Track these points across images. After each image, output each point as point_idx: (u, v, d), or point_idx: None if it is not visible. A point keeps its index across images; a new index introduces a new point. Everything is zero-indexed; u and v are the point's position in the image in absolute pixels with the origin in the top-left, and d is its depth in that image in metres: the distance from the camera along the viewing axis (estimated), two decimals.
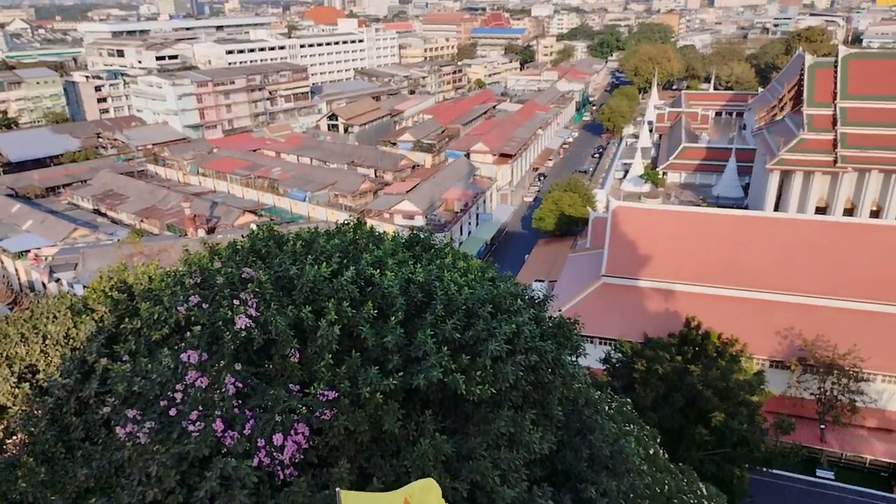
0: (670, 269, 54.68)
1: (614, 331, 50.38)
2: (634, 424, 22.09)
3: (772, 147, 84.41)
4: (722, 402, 35.94)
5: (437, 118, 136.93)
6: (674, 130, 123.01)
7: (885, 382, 47.28)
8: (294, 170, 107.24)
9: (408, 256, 13.03)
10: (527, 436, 10.45)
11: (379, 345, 10.34)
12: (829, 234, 53.25)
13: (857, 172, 79.07)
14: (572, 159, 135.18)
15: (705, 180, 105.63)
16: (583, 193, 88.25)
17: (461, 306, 11.19)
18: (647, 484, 17.08)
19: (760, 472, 39.64)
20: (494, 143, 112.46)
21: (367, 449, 10.03)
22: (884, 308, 49.26)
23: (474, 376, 10.20)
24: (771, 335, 49.31)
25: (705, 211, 62.25)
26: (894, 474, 45.87)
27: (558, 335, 12.50)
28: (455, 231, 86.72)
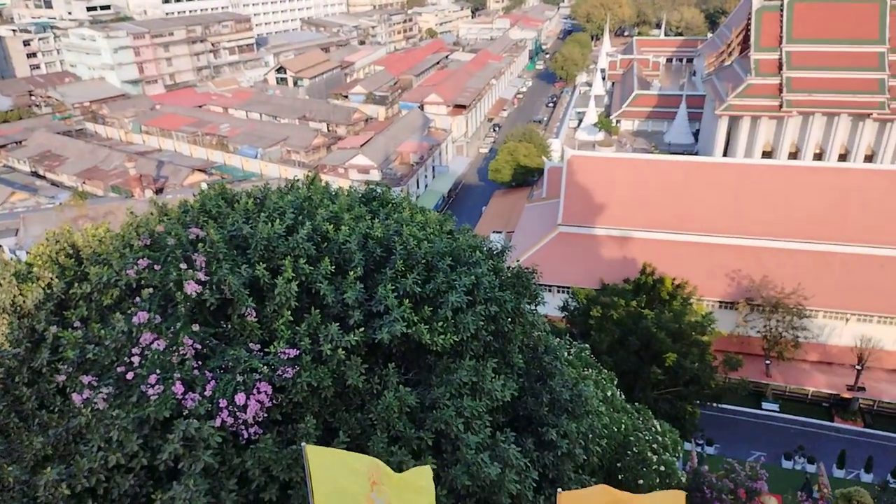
0: (625, 217, 55.69)
1: (572, 279, 51.39)
2: (592, 369, 22.78)
3: (720, 93, 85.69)
4: (675, 343, 37.30)
5: (389, 69, 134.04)
6: (626, 78, 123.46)
7: (827, 318, 49.75)
8: (243, 126, 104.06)
9: (364, 211, 12.87)
10: (489, 384, 10.65)
11: (339, 301, 10.28)
12: (775, 177, 54.83)
13: (801, 116, 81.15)
14: (527, 109, 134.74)
15: (657, 127, 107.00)
16: (538, 143, 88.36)
17: (421, 260, 11.17)
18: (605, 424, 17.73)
19: (711, 407, 41.61)
20: (448, 94, 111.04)
21: (332, 404, 10.07)
22: (827, 247, 51.42)
23: (436, 327, 10.28)
24: (721, 277, 51.07)
25: (657, 158, 63.21)
26: (835, 404, 48.76)
27: (517, 285, 12.66)
28: (412, 184, 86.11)
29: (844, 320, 49.69)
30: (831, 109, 79.20)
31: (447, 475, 9.55)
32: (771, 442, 45.17)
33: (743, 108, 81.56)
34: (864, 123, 79.45)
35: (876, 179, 53.38)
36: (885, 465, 41.32)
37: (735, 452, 41.68)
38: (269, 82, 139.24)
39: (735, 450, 43.00)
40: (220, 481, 8.81)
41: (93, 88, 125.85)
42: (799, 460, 43.00)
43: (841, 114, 79.49)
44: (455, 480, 9.46)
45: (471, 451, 9.67)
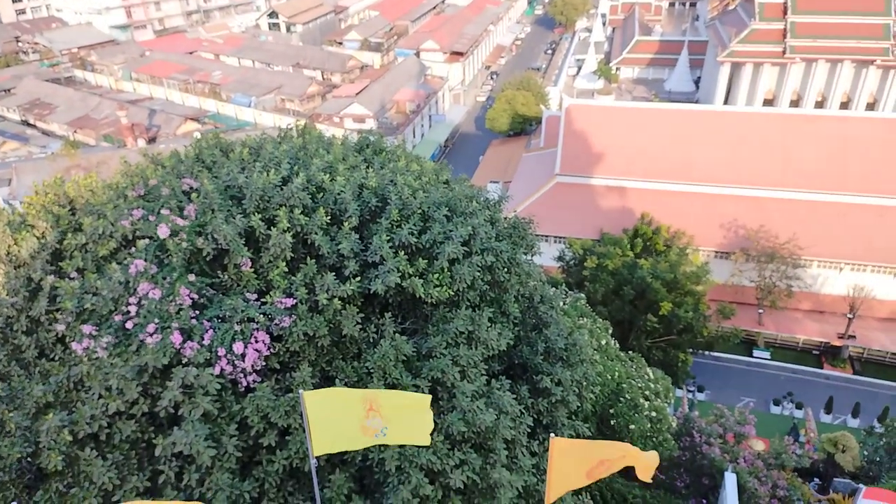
0: (623, 167, 55.33)
1: (568, 229, 51.41)
2: (587, 318, 23.04)
3: (723, 38, 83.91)
4: (670, 292, 37.63)
5: (384, 14, 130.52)
6: (627, 23, 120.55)
7: (821, 267, 50.13)
8: (236, 73, 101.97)
9: (359, 161, 12.74)
10: (484, 333, 10.76)
11: (334, 251, 10.28)
12: (776, 126, 54.28)
13: (804, 63, 79.75)
14: (525, 56, 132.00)
15: (658, 75, 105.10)
16: (536, 92, 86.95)
17: (416, 210, 11.12)
18: (599, 372, 18.06)
19: (703, 355, 42.33)
20: (445, 40, 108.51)
21: (328, 353, 10.20)
22: (825, 197, 51.35)
23: (432, 279, 10.32)
24: (716, 227, 51.16)
25: (657, 107, 62.36)
26: (825, 352, 49.62)
27: (513, 235, 12.65)
28: (408, 133, 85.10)
29: (838, 270, 50.08)
30: (835, 56, 77.77)
31: (443, 422, 9.75)
32: (761, 388, 46.14)
33: (745, 54, 80.00)
34: (868, 71, 78.15)
35: (876, 128, 52.90)
36: (872, 410, 42.35)
37: (725, 399, 42.61)
38: (262, 28, 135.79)
39: (725, 396, 43.96)
40: (220, 427, 8.99)
41: (80, 34, 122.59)
42: (787, 406, 44.04)
43: (844, 61, 78.10)
44: (451, 427, 9.66)
45: (466, 399, 9.85)
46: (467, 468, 9.59)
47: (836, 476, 29.83)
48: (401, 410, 8.03)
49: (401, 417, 8.02)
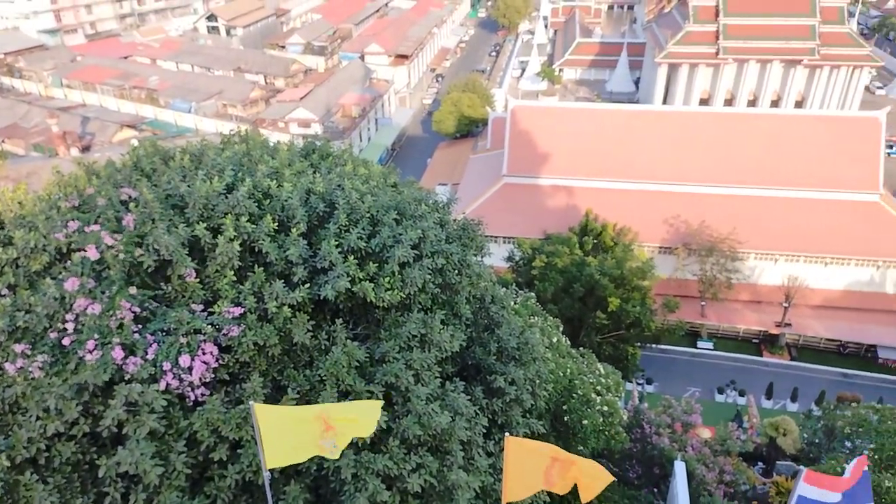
0: (568, 166, 56.32)
1: (517, 229, 51.98)
2: (538, 316, 23.31)
3: (660, 40, 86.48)
4: (617, 288, 38.47)
5: (328, 18, 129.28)
6: (568, 25, 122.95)
7: (758, 259, 52.18)
8: (174, 78, 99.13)
9: (306, 166, 12.56)
10: (437, 336, 10.76)
11: (283, 258, 10.11)
12: (712, 124, 56.26)
13: (736, 64, 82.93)
14: (469, 58, 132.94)
15: (600, 76, 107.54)
16: (481, 94, 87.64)
17: (365, 214, 11.05)
18: (552, 370, 18.30)
19: (650, 348, 43.42)
20: (390, 43, 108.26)
21: (280, 362, 10.01)
22: (759, 192, 53.50)
23: (383, 283, 10.27)
24: (660, 224, 52.63)
25: (599, 107, 63.77)
26: (763, 340, 51.65)
27: (463, 237, 12.70)
28: (354, 137, 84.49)
29: (774, 261, 52.23)
30: (765, 56, 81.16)
31: (398, 426, 9.70)
32: (705, 378, 47.69)
33: (681, 55, 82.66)
34: (796, 70, 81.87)
35: (805, 125, 55.47)
36: (809, 394, 44.32)
37: (673, 389, 43.87)
38: (200, 31, 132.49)
39: (673, 387, 45.25)
40: (167, 444, 8.71)
41: (6, 39, 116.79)
42: (731, 393, 45.64)
43: (773, 60, 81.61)
44: (407, 431, 9.62)
45: (421, 402, 9.83)
46: (424, 471, 9.56)
47: (778, 459, 31.10)
48: (353, 422, 7.96)
49: (353, 426, 7.95)
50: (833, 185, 52.84)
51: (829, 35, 79.44)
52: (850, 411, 26.62)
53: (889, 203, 53.75)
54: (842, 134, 54.17)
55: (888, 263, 50.85)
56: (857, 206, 52.47)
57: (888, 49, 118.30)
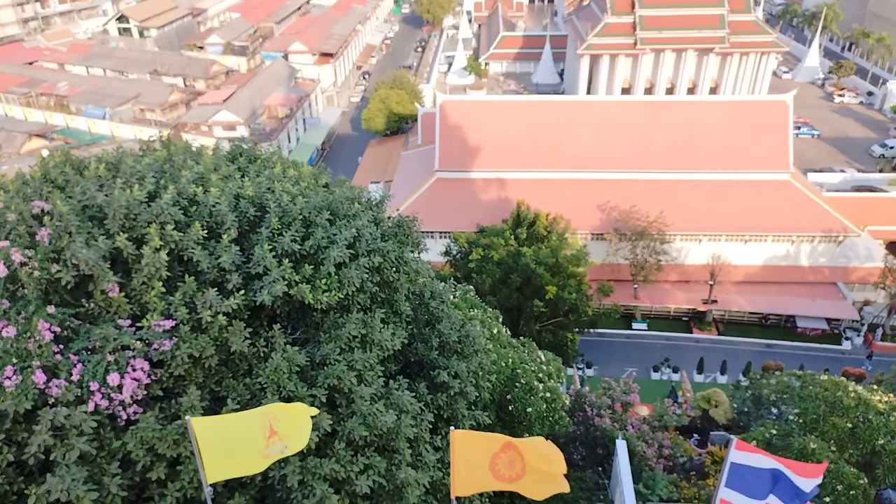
0: (499, 159, 56.97)
1: (452, 223, 52.23)
2: (478, 309, 23.52)
3: (581, 32, 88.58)
4: (553, 276, 39.26)
5: (247, 16, 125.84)
6: (492, 19, 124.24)
7: (683, 241, 54.32)
8: (85, 83, 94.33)
9: (233, 170, 12.22)
10: (378, 334, 10.70)
11: (214, 266, 9.80)
12: (634, 113, 58.09)
13: (654, 53, 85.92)
14: (395, 55, 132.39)
15: (525, 68, 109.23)
16: (409, 90, 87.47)
17: (297, 216, 10.84)
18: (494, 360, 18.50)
19: (588, 333, 44.59)
20: (313, 41, 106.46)
21: (217, 372, 9.72)
22: (681, 176, 55.65)
23: (320, 284, 10.11)
24: (592, 211, 54.00)
25: (526, 99, 64.75)
26: (693, 318, 53.88)
27: (398, 234, 12.66)
28: (282, 139, 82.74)
29: (698, 241, 54.51)
30: (680, 46, 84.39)
31: (343, 428, 9.59)
32: (641, 358, 49.37)
33: (601, 46, 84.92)
34: (709, 58, 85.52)
35: (720, 110, 58.07)
36: (737, 366, 46.58)
37: (611, 371, 45.22)
38: (111, 33, 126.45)
39: (611, 369, 46.63)
40: (100, 467, 8.31)
41: None
42: (665, 371, 47.43)
43: (688, 50, 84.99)
44: (352, 432, 9.52)
45: (365, 403, 9.76)
46: (372, 472, 9.50)
47: (711, 430, 32.60)
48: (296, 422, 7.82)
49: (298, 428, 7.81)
50: (748, 166, 55.59)
51: (737, 23, 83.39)
52: (774, 379, 28.13)
53: (799, 181, 57.01)
54: (753, 117, 57.02)
55: (801, 238, 53.97)
56: (770, 185, 55.40)
57: (792, 35, 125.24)
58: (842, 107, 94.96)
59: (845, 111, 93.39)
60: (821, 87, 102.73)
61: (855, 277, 53.44)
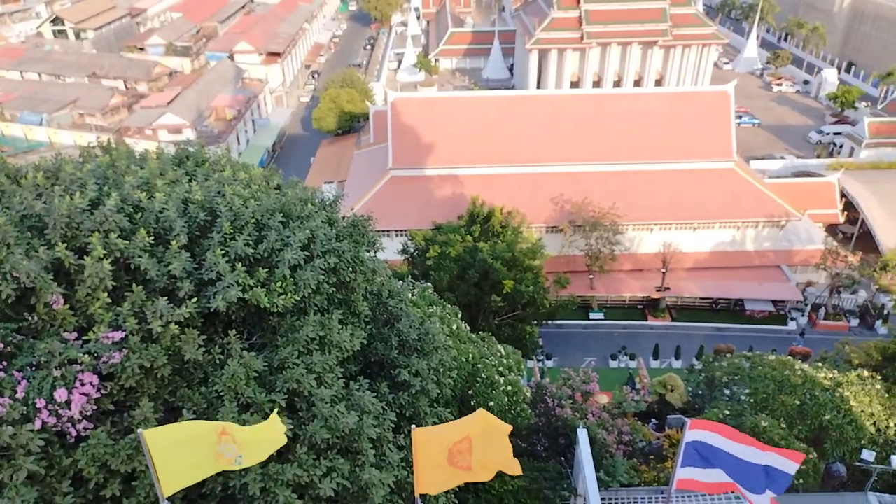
0: (453, 155, 57.09)
1: (408, 221, 52.11)
2: (436, 305, 23.52)
3: (528, 27, 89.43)
4: (510, 270, 39.57)
5: (188, 16, 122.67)
6: (440, 16, 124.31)
7: (636, 230, 55.51)
8: (19, 88, 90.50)
9: (180, 174, 11.90)
10: (336, 336, 10.59)
11: (164, 273, 9.53)
12: (583, 106, 59.01)
13: (600, 47, 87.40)
14: (344, 53, 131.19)
15: (475, 64, 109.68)
16: (360, 88, 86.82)
17: (249, 220, 10.63)
18: (454, 357, 18.53)
19: (547, 325, 45.14)
20: (259, 40, 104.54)
21: (171, 383, 9.46)
22: (631, 167, 56.82)
23: (275, 288, 9.95)
24: (546, 204, 54.66)
25: (477, 95, 65.02)
26: (647, 305, 55.14)
27: (354, 234, 12.56)
28: (231, 141, 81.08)
29: (650, 231, 55.79)
30: (625, 39, 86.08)
31: (305, 432, 9.47)
32: (599, 347, 50.30)
33: (549, 41, 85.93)
34: (653, 51, 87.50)
35: (666, 101, 59.47)
36: (690, 351, 47.90)
37: (570, 361, 45.91)
38: (45, 36, 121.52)
39: (570, 359, 47.35)
40: (51, 487, 8.00)
41: None
42: (623, 359, 48.43)
43: (633, 43, 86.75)
44: (314, 436, 9.41)
45: (326, 405, 9.65)
46: (336, 475, 9.41)
47: (668, 414, 33.42)
48: (255, 438, 7.68)
49: (256, 441, 7.67)
50: (694, 155, 57.12)
51: (679, 17, 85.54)
52: (725, 362, 29.03)
53: (742, 168, 58.91)
54: (697, 108, 58.63)
55: (746, 224, 55.80)
56: (715, 173, 57.08)
57: (731, 27, 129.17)
58: (780, 95, 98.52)
59: (783, 100, 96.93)
60: (759, 76, 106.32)
61: (797, 260, 55.57)
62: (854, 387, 25.06)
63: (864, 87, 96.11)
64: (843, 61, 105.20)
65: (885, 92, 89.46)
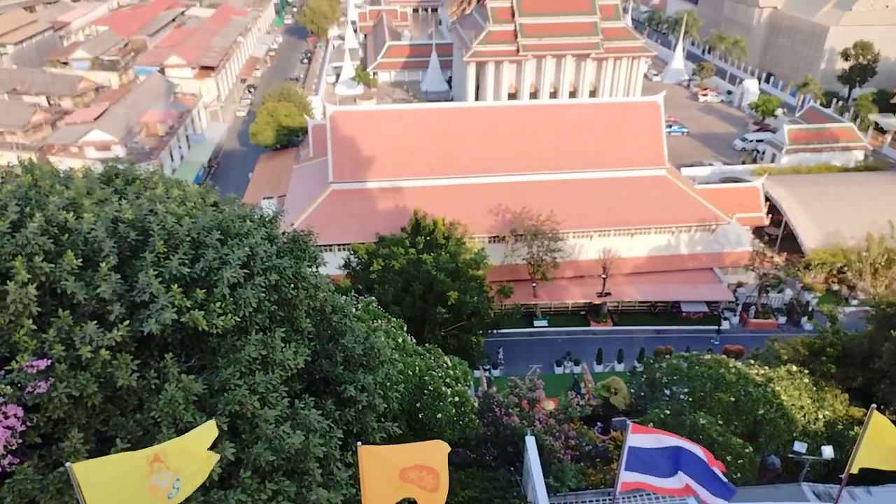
0: (393, 168, 57.03)
1: (350, 235, 51.67)
2: (381, 319, 23.37)
3: (465, 40, 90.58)
4: (454, 281, 39.74)
5: (115, 29, 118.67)
6: (377, 29, 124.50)
7: (576, 238, 56.72)
8: None
9: (109, 193, 11.45)
10: (279, 354, 10.37)
11: (93, 297, 9.12)
12: (521, 117, 60.06)
13: (535, 59, 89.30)
14: (281, 67, 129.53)
15: (414, 77, 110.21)
16: (298, 102, 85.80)
17: (185, 238, 10.31)
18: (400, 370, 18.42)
19: (492, 334, 45.47)
20: (191, 54, 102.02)
21: (104, 411, 9.04)
22: (569, 176, 58.11)
23: (214, 308, 9.67)
24: (487, 214, 55.20)
25: (416, 107, 65.31)
26: (589, 311, 56.30)
27: (295, 249, 12.37)
28: (164, 157, 78.62)
29: (590, 238, 57.11)
30: (559, 52, 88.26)
31: (248, 455, 9.21)
32: (544, 354, 50.98)
33: (486, 54, 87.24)
34: (586, 63, 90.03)
35: (600, 112, 61.23)
36: (632, 354, 49.15)
37: (516, 370, 46.35)
38: None
39: (517, 367, 47.80)
40: None
41: None
42: (567, 365, 49.23)
43: (567, 56, 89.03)
44: (258, 458, 9.16)
45: (270, 426, 9.42)
46: (282, 497, 9.19)
47: (613, 416, 34.18)
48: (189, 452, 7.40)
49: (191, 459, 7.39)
50: (628, 164, 58.95)
51: (609, 30, 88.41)
52: (665, 363, 29.93)
53: (674, 175, 61.14)
54: (630, 118, 60.57)
55: (680, 228, 57.87)
56: (649, 180, 59.03)
57: (658, 40, 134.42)
58: (706, 105, 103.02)
59: (709, 109, 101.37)
60: (686, 87, 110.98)
61: (728, 262, 57.97)
62: (784, 381, 26.26)
63: (782, 96, 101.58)
64: (763, 72, 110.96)
65: (802, 101, 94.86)
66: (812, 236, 59.43)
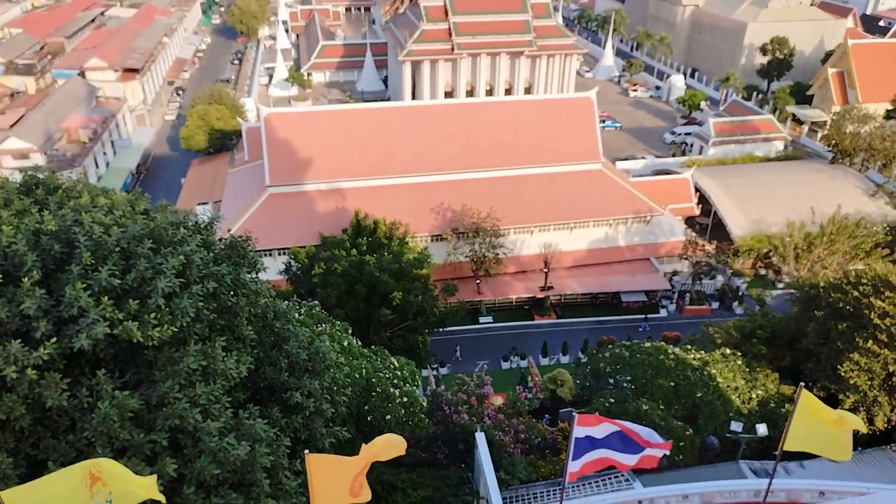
0: (332, 169, 56.32)
1: (290, 239, 50.73)
2: (326, 323, 23.03)
3: (400, 39, 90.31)
4: (398, 282, 39.55)
5: (30, 32, 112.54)
6: (310, 29, 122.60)
7: (517, 233, 57.46)
8: None
9: (28, 204, 10.84)
10: (221, 364, 10.06)
11: (16, 314, 8.60)
12: (458, 115, 60.36)
13: (470, 58, 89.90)
14: (210, 68, 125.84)
15: (349, 77, 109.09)
16: (230, 104, 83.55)
17: (114, 248, 9.86)
18: (347, 374, 18.21)
19: (438, 332, 45.52)
20: (114, 56, 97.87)
21: (32, 434, 8.54)
22: (507, 172, 58.80)
23: (149, 320, 9.28)
24: (428, 213, 55.23)
25: (353, 107, 64.66)
26: (533, 305, 57.15)
27: (233, 256, 12.03)
28: (89, 164, 75.16)
29: (530, 233, 57.95)
30: (493, 50, 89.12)
31: (192, 470, 8.89)
32: (491, 350, 51.43)
33: (421, 52, 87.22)
34: (520, 60, 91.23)
35: (535, 108, 62.21)
36: (576, 345, 50.17)
37: (464, 367, 46.58)
38: None
39: (464, 365, 48.04)
40: None
41: None
42: (514, 359, 49.83)
43: (501, 53, 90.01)
44: (202, 473, 8.85)
45: (214, 438, 9.13)
46: None
47: (560, 408, 34.79)
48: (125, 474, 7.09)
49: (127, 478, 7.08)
50: (564, 159, 60.13)
51: (541, 28, 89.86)
52: (608, 353, 30.68)
53: (609, 169, 62.76)
54: (564, 114, 61.79)
55: (617, 221, 59.46)
56: (585, 174, 60.39)
57: (588, 38, 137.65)
58: (636, 100, 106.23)
59: (639, 104, 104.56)
60: (617, 83, 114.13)
61: (663, 252, 59.95)
62: (719, 364, 27.36)
63: (707, 90, 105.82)
64: (688, 68, 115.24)
65: (725, 94, 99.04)
66: (739, 224, 62.11)
